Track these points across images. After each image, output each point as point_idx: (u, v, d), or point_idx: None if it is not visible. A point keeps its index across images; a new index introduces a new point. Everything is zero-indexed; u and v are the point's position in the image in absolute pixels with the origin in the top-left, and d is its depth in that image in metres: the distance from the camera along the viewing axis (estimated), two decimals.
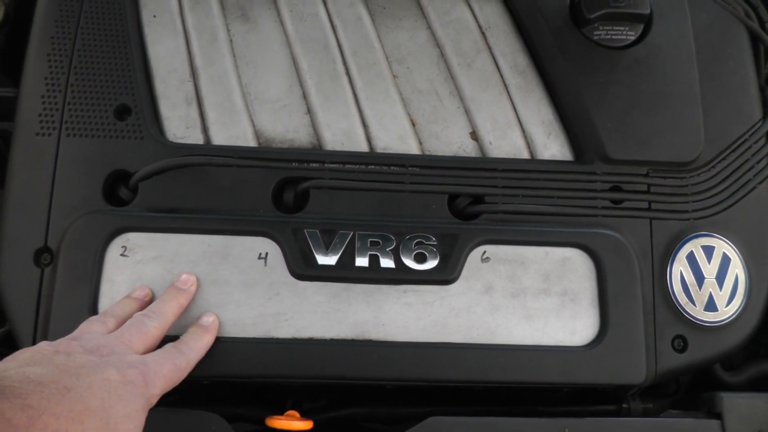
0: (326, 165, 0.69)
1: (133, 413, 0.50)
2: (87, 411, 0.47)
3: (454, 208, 0.70)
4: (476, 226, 0.68)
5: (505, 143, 0.73)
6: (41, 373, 0.48)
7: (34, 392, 0.45)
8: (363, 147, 0.71)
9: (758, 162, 0.74)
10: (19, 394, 0.45)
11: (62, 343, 0.54)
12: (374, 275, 0.65)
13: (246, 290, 0.65)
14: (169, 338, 0.61)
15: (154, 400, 0.53)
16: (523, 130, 0.74)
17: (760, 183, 0.73)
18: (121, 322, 0.59)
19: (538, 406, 0.72)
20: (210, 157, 0.68)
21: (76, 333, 0.57)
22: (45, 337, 0.63)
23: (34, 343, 0.64)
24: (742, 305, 0.69)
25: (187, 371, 0.57)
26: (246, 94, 0.73)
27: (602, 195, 0.71)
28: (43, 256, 0.66)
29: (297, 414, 0.65)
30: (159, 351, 0.57)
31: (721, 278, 0.70)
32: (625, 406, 0.70)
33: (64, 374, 0.48)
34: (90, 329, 0.58)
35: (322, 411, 0.71)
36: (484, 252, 0.67)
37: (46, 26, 0.73)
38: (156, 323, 0.59)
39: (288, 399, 0.79)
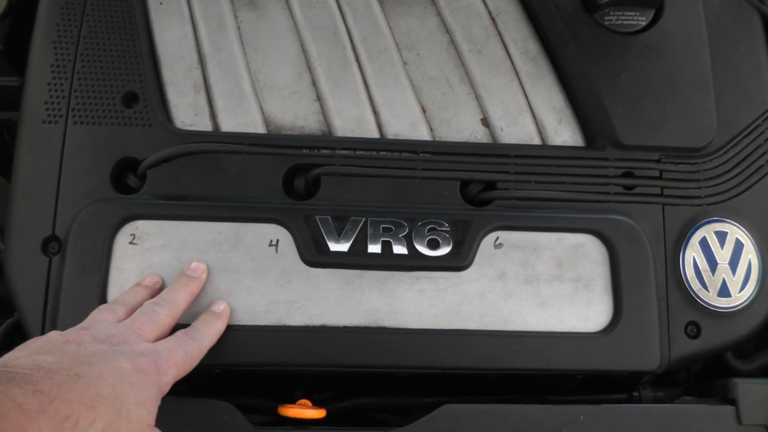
0: (337, 151, 0.68)
1: (146, 400, 0.49)
2: (99, 397, 0.46)
3: (466, 194, 0.69)
4: (489, 212, 0.68)
5: (516, 129, 0.72)
6: (52, 361, 0.47)
7: (45, 379, 0.45)
8: (374, 134, 0.71)
9: None
10: (30, 380, 0.44)
11: (72, 332, 0.53)
12: (387, 262, 0.65)
13: (257, 278, 0.64)
14: (179, 327, 0.60)
15: (167, 389, 0.52)
16: (535, 116, 0.73)
17: None
18: (132, 311, 0.59)
19: (549, 395, 0.72)
20: (219, 144, 0.67)
21: (86, 322, 0.57)
22: (54, 327, 0.63)
23: (43, 332, 0.63)
24: (756, 291, 0.69)
25: (199, 358, 0.57)
26: (255, 81, 0.73)
27: (614, 181, 0.70)
28: (51, 244, 0.65)
29: (309, 403, 0.65)
30: (171, 338, 0.56)
31: (734, 264, 0.70)
32: (636, 394, 0.70)
33: (74, 362, 0.48)
34: (100, 318, 0.57)
35: (333, 401, 0.70)
36: (497, 238, 0.67)
37: (51, 13, 0.72)
38: (167, 311, 0.58)
39: (297, 389, 0.78)
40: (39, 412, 0.42)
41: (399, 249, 0.65)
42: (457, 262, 0.65)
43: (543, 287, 0.66)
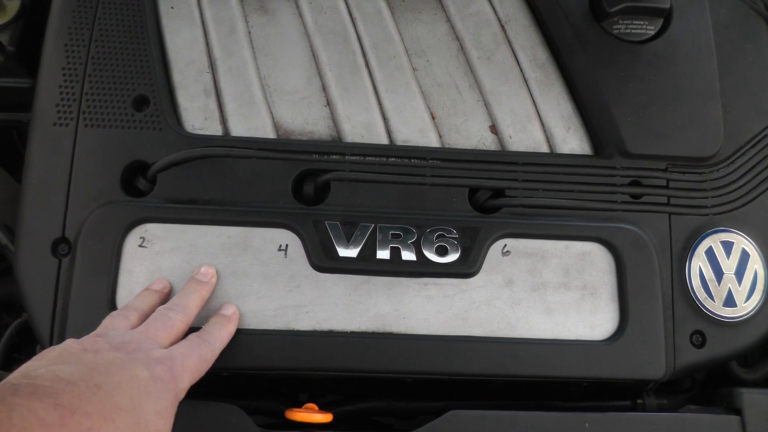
0: (347, 157, 0.69)
1: (163, 410, 0.50)
2: (118, 409, 0.47)
3: (474, 201, 0.69)
4: (497, 219, 0.68)
5: (524, 137, 0.72)
6: (70, 372, 0.47)
7: (65, 391, 0.45)
8: (383, 140, 0.71)
9: None
10: (51, 393, 0.44)
11: (88, 340, 0.53)
12: (395, 268, 0.65)
13: (266, 282, 0.65)
14: (190, 330, 0.60)
15: (183, 395, 0.53)
16: (543, 124, 0.73)
17: None
18: (144, 316, 0.59)
19: (554, 401, 0.72)
20: (229, 149, 0.68)
21: (100, 329, 0.57)
22: (63, 329, 0.63)
23: (51, 333, 0.64)
24: (761, 301, 0.69)
25: (212, 361, 0.57)
26: (265, 85, 0.73)
27: (621, 189, 0.71)
28: (61, 246, 0.66)
29: (316, 407, 0.65)
30: (184, 342, 0.56)
31: (740, 274, 0.70)
32: (640, 401, 0.70)
33: (93, 372, 0.48)
34: (114, 325, 0.57)
35: (339, 405, 0.70)
36: (505, 245, 0.67)
37: (63, 16, 0.72)
38: (180, 316, 0.58)
39: (302, 393, 0.78)
40: (60, 426, 0.43)
41: (407, 255, 0.65)
42: (465, 268, 0.66)
43: (550, 295, 0.67)
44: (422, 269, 0.65)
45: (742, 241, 0.71)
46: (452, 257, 0.65)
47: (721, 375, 0.76)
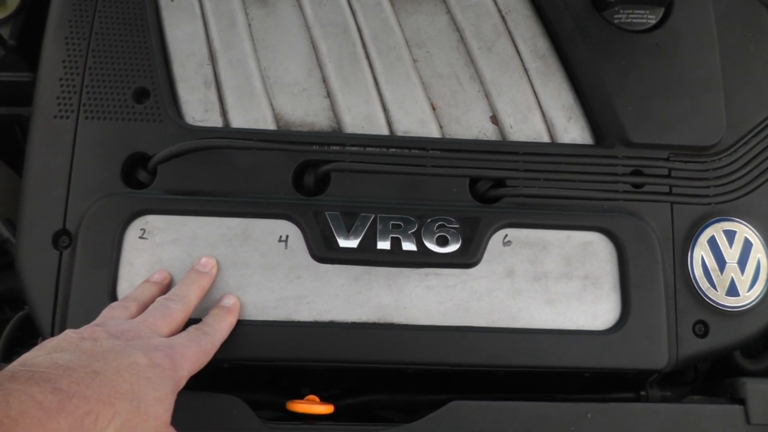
0: (347, 148, 0.68)
1: (163, 396, 0.49)
2: (117, 394, 0.47)
3: (475, 191, 0.69)
4: (498, 209, 0.68)
5: (525, 127, 0.72)
6: (69, 359, 0.48)
7: (63, 376, 0.45)
8: (383, 131, 0.71)
9: None
10: (49, 379, 0.44)
11: (87, 329, 0.53)
12: (396, 258, 0.65)
13: (266, 273, 0.65)
14: (190, 321, 0.60)
15: (182, 383, 0.53)
16: (544, 114, 0.73)
17: None
18: (143, 307, 0.59)
19: (556, 393, 0.72)
20: (229, 140, 0.68)
21: (99, 319, 0.57)
22: (64, 320, 0.63)
23: (53, 325, 0.64)
24: (764, 290, 0.69)
25: (212, 352, 0.57)
26: (265, 77, 0.73)
27: (623, 179, 0.70)
28: (62, 238, 0.66)
29: (317, 398, 0.65)
30: (183, 333, 0.57)
31: (742, 263, 0.69)
32: (643, 393, 0.70)
33: (91, 359, 0.48)
34: (112, 315, 0.57)
35: (340, 397, 0.70)
36: (506, 235, 0.67)
37: (64, 9, 0.73)
38: (179, 306, 0.58)
39: (304, 386, 0.78)
40: (58, 410, 0.43)
41: (408, 245, 0.65)
42: (466, 258, 0.65)
43: (551, 285, 0.66)
44: (423, 259, 0.65)
45: (744, 230, 0.70)
46: (453, 247, 0.65)
47: (724, 366, 0.75)
